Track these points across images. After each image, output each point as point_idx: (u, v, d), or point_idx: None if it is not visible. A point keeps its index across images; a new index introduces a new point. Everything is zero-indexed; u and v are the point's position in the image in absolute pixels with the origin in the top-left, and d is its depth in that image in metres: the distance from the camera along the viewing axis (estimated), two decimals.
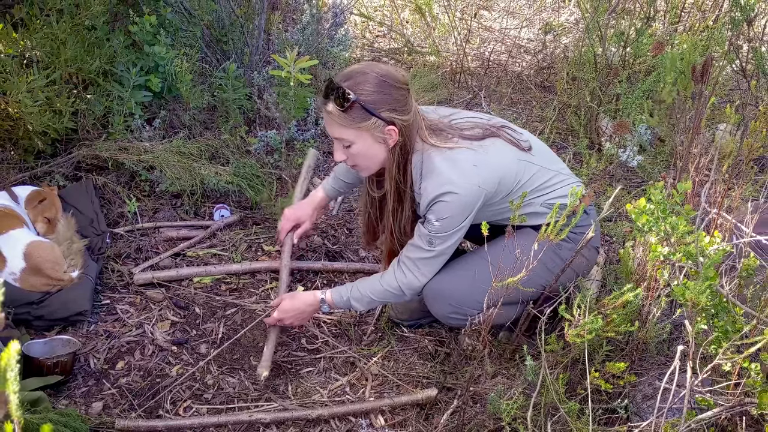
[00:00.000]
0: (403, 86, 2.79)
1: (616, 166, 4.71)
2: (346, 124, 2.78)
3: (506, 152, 2.97)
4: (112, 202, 4.11)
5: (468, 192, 2.82)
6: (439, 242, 2.93)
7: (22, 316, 3.27)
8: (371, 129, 2.77)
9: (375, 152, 2.87)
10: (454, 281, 3.09)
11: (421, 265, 3.01)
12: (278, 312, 3.21)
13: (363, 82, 2.73)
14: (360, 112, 2.74)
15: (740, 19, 4.44)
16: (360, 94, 2.71)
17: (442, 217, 2.85)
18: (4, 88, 3.73)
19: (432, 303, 3.17)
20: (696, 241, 2.03)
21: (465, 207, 2.85)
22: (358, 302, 3.15)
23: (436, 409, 3.03)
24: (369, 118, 2.74)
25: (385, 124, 2.76)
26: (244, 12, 4.77)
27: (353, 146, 2.85)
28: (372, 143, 2.83)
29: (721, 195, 2.84)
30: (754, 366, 2.13)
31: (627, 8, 5.86)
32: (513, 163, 2.96)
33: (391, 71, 2.79)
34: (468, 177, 2.82)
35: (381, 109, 2.73)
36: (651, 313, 2.73)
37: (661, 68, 4.51)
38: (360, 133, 2.80)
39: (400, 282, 3.06)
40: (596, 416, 2.77)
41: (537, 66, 6.27)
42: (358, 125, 2.77)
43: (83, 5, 4.01)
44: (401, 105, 2.77)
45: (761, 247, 2.97)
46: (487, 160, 2.87)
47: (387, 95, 2.74)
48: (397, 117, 2.76)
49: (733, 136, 3.22)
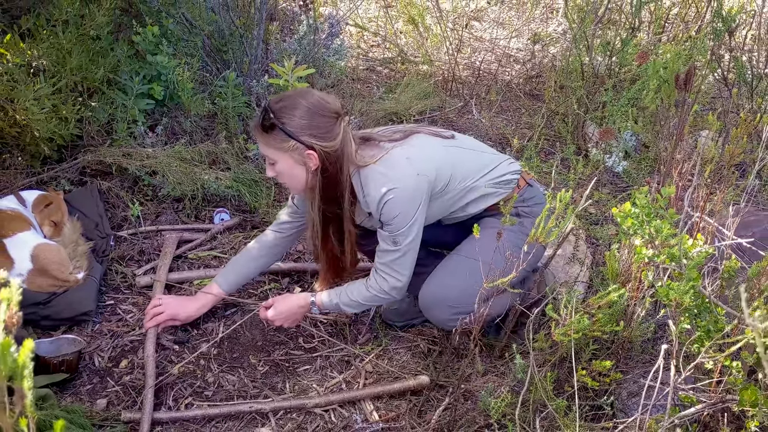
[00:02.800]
0: (331, 115, 2.85)
1: (602, 171, 4.73)
2: (268, 144, 2.87)
3: (431, 142, 3.09)
4: (116, 206, 4.11)
5: (407, 183, 2.88)
6: (402, 238, 2.96)
7: (30, 316, 3.26)
8: (290, 151, 2.84)
9: (297, 173, 2.92)
10: (447, 286, 3.11)
11: (394, 266, 3.04)
12: (271, 313, 3.24)
13: (291, 107, 2.82)
14: (281, 135, 2.81)
15: (722, 29, 4.46)
16: (284, 118, 2.80)
17: (394, 214, 2.90)
18: (12, 96, 3.73)
19: (431, 310, 3.18)
20: (679, 244, 2.04)
21: (412, 198, 2.90)
22: (348, 306, 3.18)
23: (429, 405, 3.04)
24: (289, 140, 2.81)
25: (305, 148, 2.82)
26: (244, 23, 4.78)
27: (277, 165, 2.92)
28: (293, 164, 2.89)
29: (703, 199, 2.86)
30: (736, 364, 2.14)
31: (613, 19, 5.88)
32: (441, 149, 3.07)
33: (323, 102, 2.85)
34: (402, 169, 2.90)
35: (301, 135, 2.80)
36: (636, 313, 2.74)
37: (645, 77, 4.52)
38: (281, 154, 2.87)
39: (383, 287, 3.08)
40: (583, 413, 2.78)
41: (526, 75, 6.28)
42: (279, 146, 2.85)
43: (88, 16, 4.02)
44: (324, 132, 2.82)
45: (742, 249, 2.98)
46: (416, 152, 2.98)
47: (310, 122, 2.81)
48: (318, 143, 2.81)
49: (715, 143, 3.23)
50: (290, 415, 3.03)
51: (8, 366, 1.00)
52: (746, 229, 3.14)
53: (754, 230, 3.18)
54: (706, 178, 2.88)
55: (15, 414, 1.03)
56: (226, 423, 2.95)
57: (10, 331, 1.05)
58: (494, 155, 3.24)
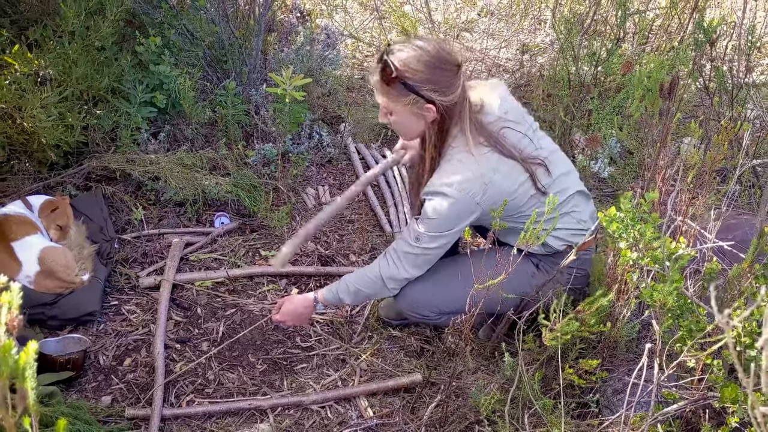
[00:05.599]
0: (452, 68, 2.67)
1: (589, 176, 4.73)
2: (387, 96, 2.73)
3: (522, 184, 2.83)
4: (120, 210, 4.10)
5: (466, 202, 2.73)
6: (425, 241, 2.85)
7: (37, 317, 3.27)
8: (410, 104, 2.69)
9: (412, 124, 2.79)
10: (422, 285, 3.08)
11: (404, 258, 2.94)
12: (280, 315, 3.21)
13: (412, 59, 2.64)
14: (401, 88, 2.66)
15: (703, 40, 4.45)
16: (405, 72, 2.63)
17: (434, 216, 2.77)
18: (20, 104, 3.72)
19: (397, 298, 3.14)
20: (663, 247, 2.04)
21: (458, 216, 2.78)
22: (346, 294, 3.09)
23: (421, 402, 3.03)
24: (409, 95, 2.67)
25: (425, 101, 2.67)
26: (243, 34, 4.78)
27: (393, 115, 2.79)
28: (410, 116, 2.75)
29: (686, 204, 2.85)
30: (717, 362, 2.14)
31: (598, 30, 5.88)
32: (522, 195, 2.83)
33: (443, 53, 2.68)
34: (471, 190, 2.72)
35: (422, 89, 2.64)
36: (621, 314, 2.74)
37: (630, 86, 4.52)
38: (400, 107, 2.73)
39: (383, 271, 3.00)
40: (569, 410, 2.78)
41: (515, 84, 6.28)
42: (397, 99, 2.70)
43: (93, 28, 4.01)
44: (444, 86, 2.66)
45: (723, 252, 2.98)
46: (500, 184, 2.76)
47: (431, 76, 2.64)
48: (438, 98, 2.65)
49: (697, 149, 3.23)
50: (288, 411, 3.02)
51: (9, 367, 0.99)
52: (727, 233, 3.14)
53: (735, 233, 3.18)
54: (688, 183, 2.87)
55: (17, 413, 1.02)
56: (226, 419, 2.95)
57: (11, 333, 1.04)
58: (575, 222, 3.00)
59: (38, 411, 1.00)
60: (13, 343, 1.02)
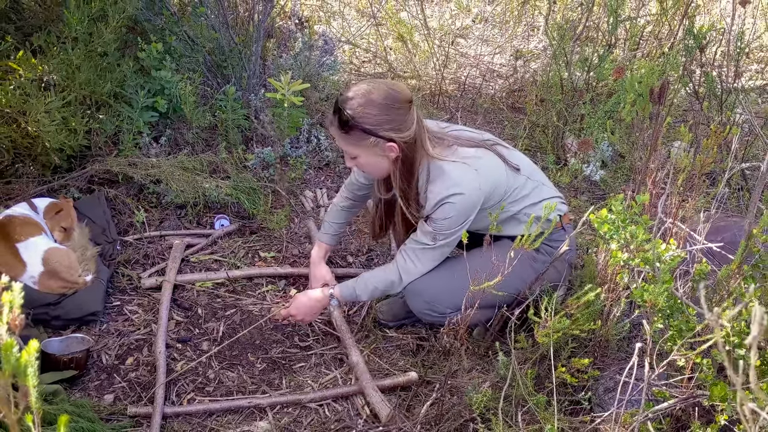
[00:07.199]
0: (404, 105, 2.77)
1: (581, 179, 4.73)
2: (348, 142, 2.82)
3: (498, 163, 2.98)
4: (122, 213, 4.10)
5: (471, 194, 2.84)
6: (442, 238, 2.95)
7: (41, 316, 3.26)
8: (371, 146, 2.79)
9: (378, 163, 2.89)
10: (432, 281, 3.12)
11: (420, 254, 3.04)
12: (292, 307, 3.27)
13: (365, 104, 2.73)
14: (360, 133, 2.75)
15: (693, 46, 4.46)
16: (360, 118, 2.72)
17: (448, 216, 2.87)
18: (24, 109, 3.72)
19: (410, 298, 3.20)
20: (653, 248, 2.04)
21: (468, 207, 2.87)
22: (363, 291, 3.18)
23: (417, 400, 3.03)
24: (368, 137, 2.75)
25: (385, 141, 2.76)
26: (243, 40, 4.78)
27: (358, 159, 2.88)
28: (374, 157, 2.85)
29: (676, 206, 2.85)
30: (706, 362, 2.14)
31: (590, 36, 5.88)
32: (504, 172, 2.98)
33: (394, 92, 2.76)
34: (470, 181, 2.84)
35: (380, 130, 2.73)
36: (612, 314, 2.74)
37: (621, 91, 4.53)
38: (362, 150, 2.82)
39: (400, 267, 3.09)
40: (562, 407, 2.78)
41: (509, 89, 6.28)
42: (358, 143, 2.79)
43: (96, 34, 4.01)
44: (401, 124, 2.76)
45: (712, 253, 2.98)
46: (484, 164, 2.91)
47: (387, 117, 2.74)
48: (396, 135, 2.75)
49: (687, 153, 3.23)
50: (287, 409, 3.02)
51: (11, 365, 0.99)
52: (716, 234, 3.14)
53: (724, 235, 3.18)
54: (678, 186, 2.87)
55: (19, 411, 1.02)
56: (226, 417, 2.95)
57: (13, 332, 1.04)
58: (550, 190, 3.19)
59: (40, 408, 1.00)
60: (16, 342, 1.02)
